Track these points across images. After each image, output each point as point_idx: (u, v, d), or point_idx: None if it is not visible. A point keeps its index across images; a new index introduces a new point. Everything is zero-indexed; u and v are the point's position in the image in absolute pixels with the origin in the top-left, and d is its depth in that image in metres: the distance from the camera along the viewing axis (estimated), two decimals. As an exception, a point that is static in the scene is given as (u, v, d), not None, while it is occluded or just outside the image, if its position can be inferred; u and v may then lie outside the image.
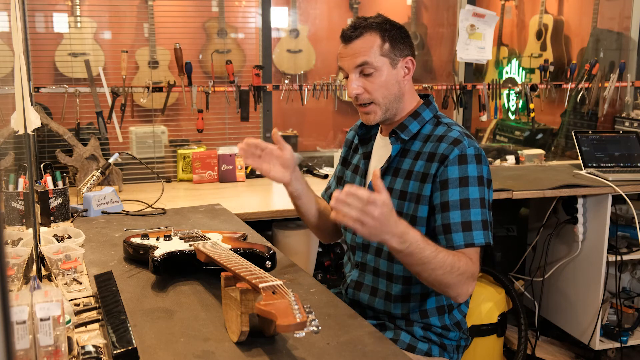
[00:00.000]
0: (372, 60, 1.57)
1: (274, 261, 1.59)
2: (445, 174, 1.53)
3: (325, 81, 3.09)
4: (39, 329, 1.02)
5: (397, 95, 1.62)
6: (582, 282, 2.82)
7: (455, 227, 1.50)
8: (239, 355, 1.18)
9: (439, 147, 1.56)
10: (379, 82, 1.59)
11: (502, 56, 4.19)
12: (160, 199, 2.41)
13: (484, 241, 1.50)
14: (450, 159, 1.53)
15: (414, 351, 1.62)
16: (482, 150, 1.57)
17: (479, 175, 1.53)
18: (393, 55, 1.59)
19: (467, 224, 1.50)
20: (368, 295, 1.70)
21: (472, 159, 1.53)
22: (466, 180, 1.51)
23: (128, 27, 3.12)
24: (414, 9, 3.84)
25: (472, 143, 1.56)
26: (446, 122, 1.63)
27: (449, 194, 1.52)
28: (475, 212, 1.51)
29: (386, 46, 1.58)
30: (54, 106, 2.87)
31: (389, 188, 1.63)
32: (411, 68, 1.63)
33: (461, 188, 1.51)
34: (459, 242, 1.50)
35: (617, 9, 3.80)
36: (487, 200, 1.54)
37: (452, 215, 1.51)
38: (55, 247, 1.58)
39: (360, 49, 1.58)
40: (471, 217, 1.50)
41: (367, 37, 1.58)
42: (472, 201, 1.51)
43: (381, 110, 1.62)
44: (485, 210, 1.52)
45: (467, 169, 1.52)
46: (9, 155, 2.27)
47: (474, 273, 1.48)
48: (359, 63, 1.58)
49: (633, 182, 2.69)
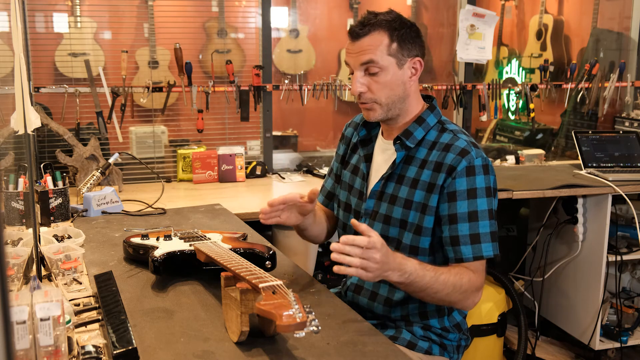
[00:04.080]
0: (379, 59, 1.55)
1: (274, 261, 1.59)
2: (453, 186, 1.52)
3: (325, 81, 3.09)
4: (39, 329, 1.02)
5: (402, 96, 1.60)
6: (582, 282, 2.82)
7: (463, 240, 1.51)
8: (239, 355, 1.17)
9: (446, 157, 1.55)
10: (383, 82, 1.57)
11: (502, 56, 4.19)
12: (160, 199, 2.41)
13: (492, 253, 1.52)
14: (458, 170, 1.52)
15: (414, 348, 1.62)
16: (489, 159, 1.57)
17: (487, 186, 1.53)
18: (400, 55, 1.56)
19: (475, 236, 1.51)
20: (367, 300, 1.69)
21: (480, 170, 1.53)
22: (474, 192, 1.51)
23: (128, 27, 3.12)
24: (414, 9, 3.84)
25: (479, 153, 1.55)
26: (452, 129, 1.61)
27: (457, 206, 1.52)
28: (484, 224, 1.51)
29: (394, 46, 1.55)
30: (54, 106, 2.87)
31: (393, 195, 1.62)
32: (419, 69, 1.60)
33: (469, 200, 1.51)
34: (467, 254, 1.51)
35: (617, 9, 3.80)
36: (494, 210, 1.55)
37: (460, 228, 1.51)
38: (55, 247, 1.58)
39: (367, 47, 1.55)
40: (479, 229, 1.51)
41: (375, 36, 1.55)
42: (480, 213, 1.51)
43: (383, 109, 1.60)
44: (493, 221, 1.53)
45: (475, 181, 1.52)
46: (9, 155, 2.27)
47: (479, 286, 1.51)
48: (364, 61, 1.56)
49: (633, 182, 2.69)
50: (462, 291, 1.47)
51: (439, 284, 1.44)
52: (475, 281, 1.49)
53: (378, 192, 1.65)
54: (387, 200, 1.63)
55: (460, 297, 1.48)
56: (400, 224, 1.60)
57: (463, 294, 1.47)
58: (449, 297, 1.47)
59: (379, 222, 1.64)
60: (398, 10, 1.64)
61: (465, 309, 1.54)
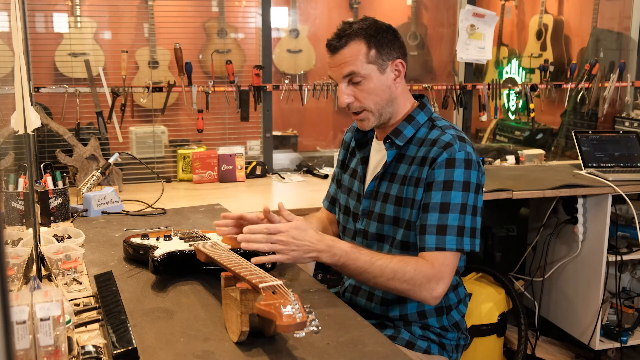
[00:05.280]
0: (359, 69, 1.56)
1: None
2: (432, 176, 1.53)
3: (325, 81, 3.09)
4: (39, 329, 1.02)
5: (389, 99, 1.61)
6: (582, 282, 2.82)
7: (430, 229, 1.50)
8: (239, 355, 1.18)
9: (430, 151, 1.55)
10: (368, 90, 1.58)
11: (502, 56, 4.19)
12: (160, 199, 2.41)
13: (455, 247, 1.49)
14: (438, 162, 1.52)
15: (413, 348, 1.62)
16: (475, 155, 1.55)
17: (465, 180, 1.51)
18: (381, 60, 1.57)
19: (442, 227, 1.49)
20: (365, 300, 1.70)
21: (461, 164, 1.52)
22: (450, 185, 1.51)
23: (128, 27, 3.12)
24: (414, 9, 3.84)
25: (463, 147, 1.53)
26: (440, 126, 1.61)
27: (431, 196, 1.52)
28: (454, 217, 1.50)
29: (372, 53, 1.56)
30: (54, 106, 2.87)
31: (386, 194, 1.63)
32: (402, 70, 1.61)
33: (444, 192, 1.51)
34: (430, 244, 1.50)
35: (617, 9, 3.80)
36: (471, 205, 1.51)
37: (429, 217, 1.51)
38: (55, 247, 1.58)
39: (346, 59, 1.56)
40: (448, 221, 1.49)
41: (352, 46, 1.56)
42: (452, 206, 1.50)
43: (374, 116, 1.61)
44: (465, 216, 1.50)
45: (453, 173, 1.51)
46: (9, 155, 2.27)
47: (433, 277, 1.46)
48: (346, 73, 1.57)
49: (633, 182, 2.69)
50: (406, 279, 1.44)
51: (375, 268, 1.44)
52: (428, 271, 1.46)
53: (372, 192, 1.67)
54: (381, 199, 1.64)
55: (407, 286, 1.45)
56: (394, 221, 1.61)
57: (409, 282, 1.44)
58: (393, 284, 1.45)
59: (374, 221, 1.65)
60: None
61: (425, 300, 1.48)
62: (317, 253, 1.41)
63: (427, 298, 1.47)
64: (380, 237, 1.65)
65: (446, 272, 1.48)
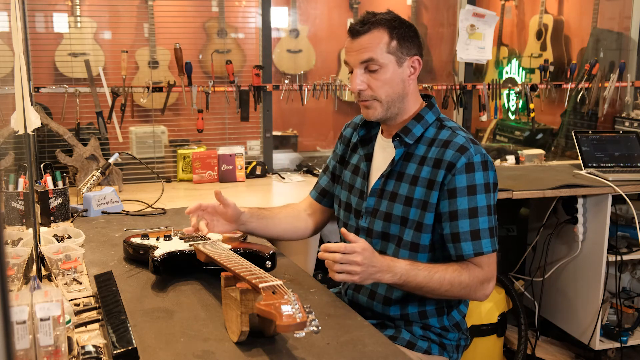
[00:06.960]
0: (378, 56, 1.56)
1: (274, 261, 1.59)
2: (453, 182, 1.54)
3: (325, 81, 3.09)
4: (39, 329, 1.02)
5: (401, 94, 1.61)
6: (582, 282, 2.82)
7: (464, 237, 1.53)
8: (239, 355, 1.18)
9: (445, 154, 1.56)
10: (383, 79, 1.58)
11: (502, 56, 4.19)
12: (160, 199, 2.41)
13: (491, 249, 1.55)
14: (458, 167, 1.53)
15: (414, 348, 1.62)
16: (488, 155, 1.59)
17: (486, 182, 1.55)
18: (400, 53, 1.58)
19: (475, 232, 1.53)
20: (366, 298, 1.70)
21: (479, 167, 1.54)
22: (474, 189, 1.53)
23: (128, 27, 3.12)
24: (414, 9, 3.84)
25: (478, 150, 1.56)
26: (450, 126, 1.63)
27: (457, 203, 1.53)
28: (483, 220, 1.54)
29: (393, 44, 1.57)
30: (54, 106, 2.87)
31: (393, 192, 1.63)
32: (417, 68, 1.62)
33: (469, 197, 1.53)
34: (468, 251, 1.54)
35: (617, 9, 3.80)
36: (493, 205, 1.57)
37: (460, 225, 1.53)
38: (55, 247, 1.58)
39: (367, 45, 1.56)
40: (479, 225, 1.53)
41: (375, 33, 1.56)
42: (480, 209, 1.53)
43: (382, 107, 1.60)
44: (492, 217, 1.56)
45: (474, 177, 1.53)
46: (9, 155, 2.27)
47: (484, 279, 1.55)
48: (364, 59, 1.57)
49: (633, 182, 2.69)
50: (463, 287, 1.51)
51: (434, 282, 1.49)
52: (479, 274, 1.53)
53: (378, 190, 1.66)
54: (388, 197, 1.64)
55: (464, 292, 1.53)
56: (401, 221, 1.61)
57: (466, 289, 1.52)
58: (451, 293, 1.52)
59: (380, 220, 1.64)
60: (398, 10, 1.65)
61: (479, 300, 1.58)
62: (381, 274, 1.43)
63: (481, 298, 1.57)
64: (386, 236, 1.64)
65: (493, 271, 1.57)
